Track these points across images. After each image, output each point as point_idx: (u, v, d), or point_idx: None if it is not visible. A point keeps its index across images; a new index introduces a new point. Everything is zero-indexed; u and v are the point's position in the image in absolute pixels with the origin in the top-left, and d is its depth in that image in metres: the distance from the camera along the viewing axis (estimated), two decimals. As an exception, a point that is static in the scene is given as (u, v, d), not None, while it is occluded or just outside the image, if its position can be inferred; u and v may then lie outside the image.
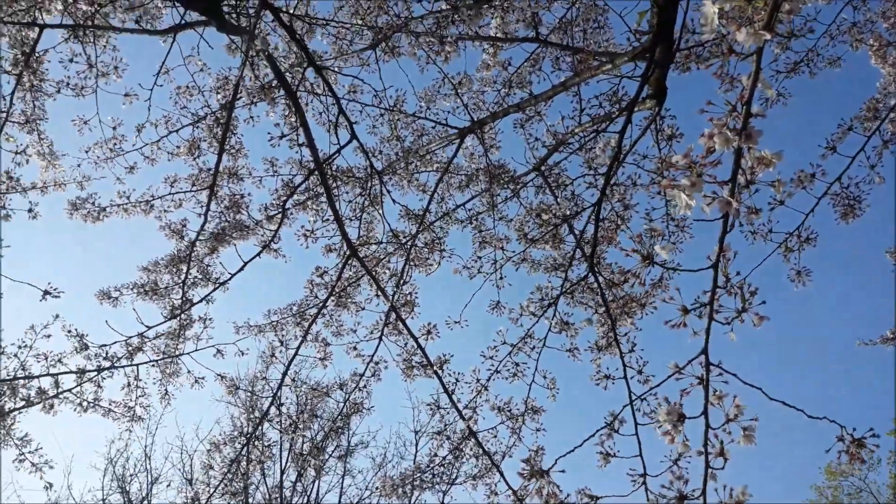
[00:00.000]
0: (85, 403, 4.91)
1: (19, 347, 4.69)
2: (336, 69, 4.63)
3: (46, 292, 4.10)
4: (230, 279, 4.75)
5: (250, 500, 11.27)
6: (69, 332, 4.72)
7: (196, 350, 4.88)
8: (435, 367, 4.68)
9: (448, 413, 4.78)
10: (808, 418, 2.18)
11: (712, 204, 1.89)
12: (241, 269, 4.66)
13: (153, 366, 4.91)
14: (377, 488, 11.94)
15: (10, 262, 4.43)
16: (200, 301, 4.77)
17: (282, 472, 11.55)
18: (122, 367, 4.94)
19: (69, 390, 4.84)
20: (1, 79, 4.12)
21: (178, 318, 4.81)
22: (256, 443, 4.88)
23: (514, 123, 4.99)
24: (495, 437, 4.71)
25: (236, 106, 4.60)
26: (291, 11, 4.28)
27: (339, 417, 4.76)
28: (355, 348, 5.06)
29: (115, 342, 4.68)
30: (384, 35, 4.20)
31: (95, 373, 4.85)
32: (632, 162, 4.55)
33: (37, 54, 4.09)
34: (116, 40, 4.46)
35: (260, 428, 4.85)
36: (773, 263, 4.37)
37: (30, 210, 4.54)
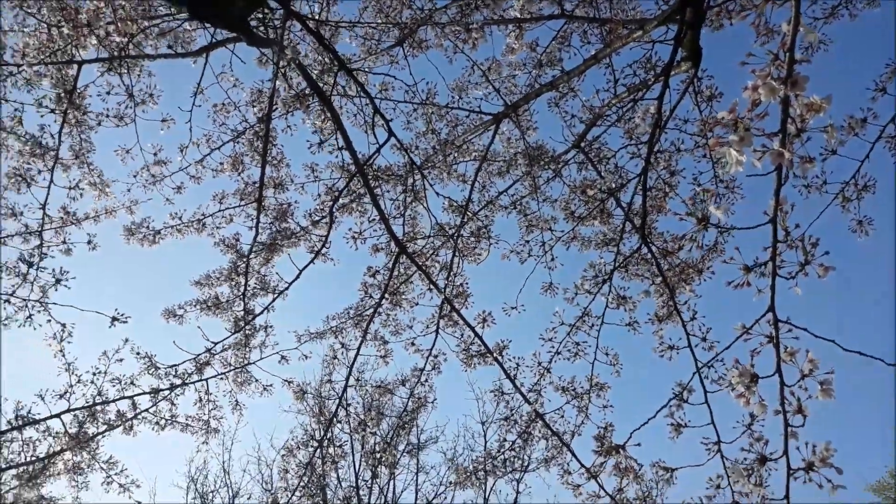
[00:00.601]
0: (162, 421, 5.08)
1: (94, 374, 4.87)
2: (366, 70, 4.67)
3: (115, 318, 4.24)
4: (288, 287, 4.84)
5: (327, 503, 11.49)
6: (138, 354, 4.88)
7: (262, 358, 4.99)
8: (494, 354, 4.68)
9: (513, 398, 4.79)
10: (888, 366, 2.12)
11: (763, 157, 1.84)
12: (298, 276, 4.75)
13: (222, 378, 5.04)
14: (451, 482, 12.01)
15: (76, 292, 4.58)
16: (263, 311, 4.88)
17: (356, 474, 11.74)
18: (193, 382, 5.09)
19: (146, 410, 5.01)
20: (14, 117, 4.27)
21: (243, 330, 4.93)
22: (328, 444, 4.98)
23: (548, 103, 4.95)
24: (562, 416, 4.70)
25: (273, 117, 4.68)
26: (317, 17, 4.32)
27: (406, 413, 4.80)
28: (413, 344, 5.10)
29: (185, 361, 4.81)
30: (410, 30, 4.20)
31: (168, 391, 5.01)
32: (673, 127, 4.47)
33: (78, 90, 4.22)
34: (150, 66, 4.58)
35: (330, 430, 4.93)
36: (832, 217, 4.23)
37: (89, 242, 4.68)
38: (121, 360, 4.83)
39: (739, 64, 1.79)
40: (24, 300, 4.22)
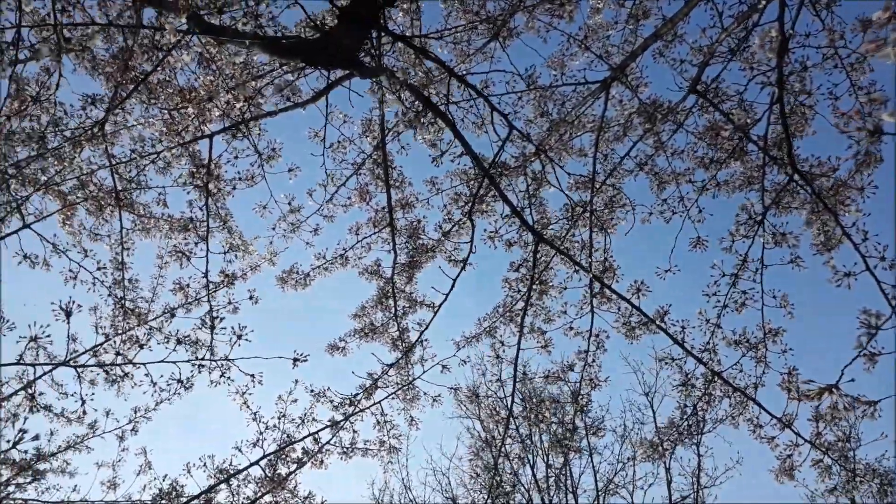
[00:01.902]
0: (346, 450, 5.32)
1: (278, 419, 5.18)
2: (466, 71, 4.70)
3: (296, 360, 4.48)
4: (446, 298, 4.95)
5: (511, 501, 11.60)
6: (313, 391, 5.15)
7: (425, 371, 5.13)
8: (657, 322, 4.57)
9: (685, 362, 4.66)
10: None
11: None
12: (452, 287, 4.85)
13: (394, 398, 5.21)
14: (629, 458, 11.76)
15: (260, 345, 4.88)
16: (425, 329, 5.02)
17: (531, 465, 11.78)
18: (367, 408, 5.30)
19: (328, 442, 5.26)
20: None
21: (403, 349, 5.09)
22: (509, 441, 5.04)
23: (653, 55, 4.78)
24: (741, 371, 4.52)
25: (386, 141, 4.81)
26: (411, 35, 4.40)
27: (581, 396, 4.79)
28: (572, 328, 5.06)
29: (358, 392, 5.02)
30: (502, 21, 4.19)
31: (343, 421, 5.24)
32: (797, 45, 4.18)
33: (214, 161, 4.51)
34: (266, 123, 4.82)
35: (508, 427, 5.00)
36: None
37: (251, 297, 4.98)
38: (295, 400, 5.11)
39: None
40: (212, 360, 4.54)
